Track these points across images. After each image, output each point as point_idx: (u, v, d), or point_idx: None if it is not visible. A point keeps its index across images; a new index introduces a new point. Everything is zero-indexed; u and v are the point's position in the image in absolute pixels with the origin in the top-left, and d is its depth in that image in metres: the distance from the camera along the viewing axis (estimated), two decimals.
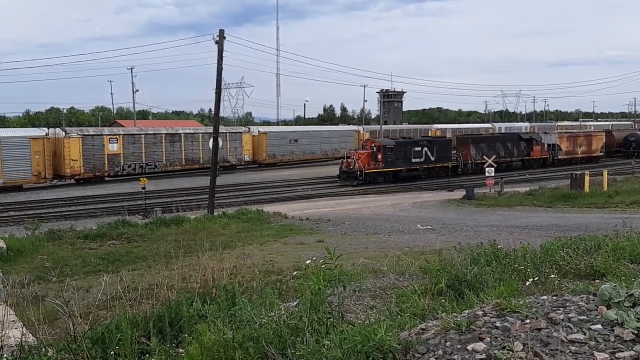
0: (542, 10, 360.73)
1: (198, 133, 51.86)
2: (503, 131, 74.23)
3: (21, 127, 73.07)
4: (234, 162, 53.03)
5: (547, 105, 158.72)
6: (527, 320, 3.97)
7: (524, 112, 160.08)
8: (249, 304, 5.88)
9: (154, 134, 48.15)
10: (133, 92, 77.76)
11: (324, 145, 62.62)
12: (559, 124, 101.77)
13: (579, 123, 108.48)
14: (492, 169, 36.57)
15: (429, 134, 66.80)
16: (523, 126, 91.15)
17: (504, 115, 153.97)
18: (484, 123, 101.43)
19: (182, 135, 49.39)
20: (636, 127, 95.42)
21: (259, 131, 57.13)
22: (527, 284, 6.34)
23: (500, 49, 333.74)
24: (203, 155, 49.60)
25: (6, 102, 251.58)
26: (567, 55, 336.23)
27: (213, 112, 31.67)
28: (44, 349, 5.83)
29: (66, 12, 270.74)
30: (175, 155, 48.47)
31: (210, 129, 52.43)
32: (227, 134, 52.95)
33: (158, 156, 47.18)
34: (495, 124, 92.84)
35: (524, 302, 4.43)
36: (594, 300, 4.28)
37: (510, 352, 3.48)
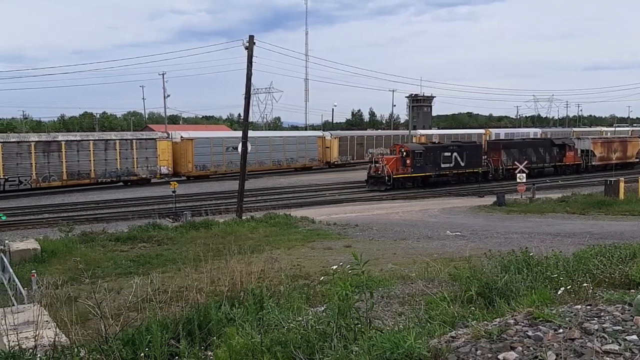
0: (573, 12, 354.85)
1: (87, 140, 41.69)
2: (502, 137, 67.83)
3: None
4: (144, 176, 43.73)
5: (581, 110, 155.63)
6: (560, 330, 3.88)
7: (556, 117, 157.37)
8: (276, 308, 5.90)
9: (18, 142, 39.18)
10: (164, 98, 78.71)
11: (275, 154, 53.87)
12: (575, 129, 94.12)
13: (596, 129, 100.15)
14: (524, 174, 36.06)
15: (413, 140, 61.94)
16: (531, 132, 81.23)
17: (536, 120, 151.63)
18: (478, 129, 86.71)
19: (63, 143, 40.06)
20: None
21: (182, 137, 47.80)
22: (559, 292, 6.21)
23: (533, 53, 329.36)
24: (96, 168, 41.27)
25: (42, 107, 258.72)
26: (600, 59, 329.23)
27: (242, 117, 31.95)
28: (76, 350, 5.94)
29: (99, 19, 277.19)
30: (53, 168, 39.39)
31: (107, 136, 44.99)
32: (134, 141, 43.42)
33: (25, 170, 38.19)
34: (491, 129, 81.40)
35: (556, 311, 4.34)
36: (629, 311, 4.18)
37: None
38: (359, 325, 4.68)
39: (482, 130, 79.27)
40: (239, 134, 60.82)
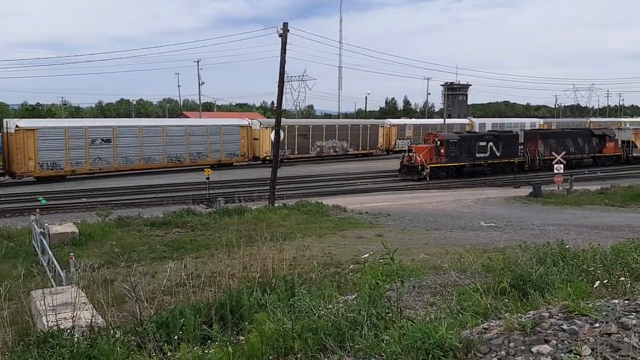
0: (620, 0, 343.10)
1: None
2: (489, 128, 61.08)
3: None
4: None
5: (622, 100, 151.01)
6: (597, 324, 3.80)
7: (597, 107, 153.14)
8: (307, 295, 5.93)
9: None
10: (199, 85, 79.87)
11: (175, 148, 43.41)
12: (592, 119, 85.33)
13: (636, 119, 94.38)
14: (561, 165, 35.30)
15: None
16: (528, 122, 72.94)
17: (575, 110, 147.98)
18: (462, 119, 77.19)
19: None
20: None
21: (17, 127, 36.44)
22: (595, 286, 6.08)
23: (574, 42, 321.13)
24: None
25: (81, 93, 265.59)
26: None
27: (275, 105, 31.99)
28: (112, 331, 6.09)
29: (140, 6, 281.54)
30: None
31: None
32: None
33: None
34: (474, 119, 74.17)
35: (593, 305, 4.26)
36: None
37: (578, 357, 3.34)
38: (390, 315, 4.67)
39: (465, 120, 72.78)
40: (107, 121, 50.24)
